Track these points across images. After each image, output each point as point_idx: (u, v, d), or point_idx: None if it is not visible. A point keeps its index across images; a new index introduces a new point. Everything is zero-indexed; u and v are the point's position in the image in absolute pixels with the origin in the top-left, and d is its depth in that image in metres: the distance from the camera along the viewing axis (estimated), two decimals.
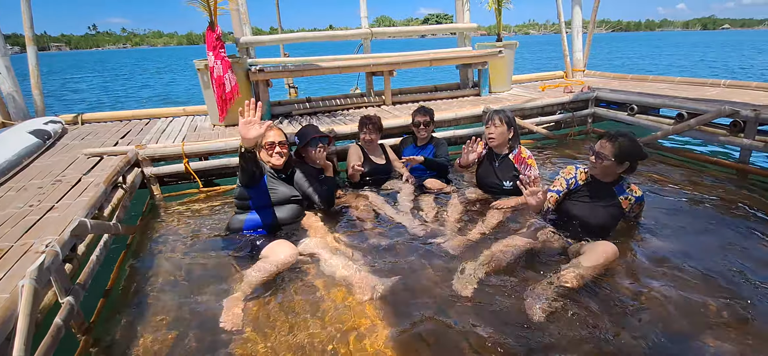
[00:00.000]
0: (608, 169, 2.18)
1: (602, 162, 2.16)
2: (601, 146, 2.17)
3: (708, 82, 5.09)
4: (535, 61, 23.08)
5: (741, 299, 1.89)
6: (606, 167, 2.17)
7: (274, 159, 2.45)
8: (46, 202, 2.41)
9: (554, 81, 6.28)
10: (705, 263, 2.16)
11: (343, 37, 5.48)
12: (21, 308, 1.39)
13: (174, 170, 3.56)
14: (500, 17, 5.72)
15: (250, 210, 2.43)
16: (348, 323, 1.83)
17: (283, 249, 2.19)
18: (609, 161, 2.14)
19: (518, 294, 1.97)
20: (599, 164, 2.18)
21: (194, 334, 1.82)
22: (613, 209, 2.27)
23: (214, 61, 3.98)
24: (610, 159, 2.13)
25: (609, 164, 2.15)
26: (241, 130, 1.99)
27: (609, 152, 2.14)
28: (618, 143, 2.12)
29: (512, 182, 2.81)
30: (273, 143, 2.44)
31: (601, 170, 2.21)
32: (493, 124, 2.77)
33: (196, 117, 4.87)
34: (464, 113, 4.41)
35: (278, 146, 2.45)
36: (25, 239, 1.94)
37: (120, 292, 2.22)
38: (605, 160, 2.14)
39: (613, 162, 2.14)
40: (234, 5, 4.43)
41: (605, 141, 2.16)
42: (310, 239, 2.38)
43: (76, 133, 4.30)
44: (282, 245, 2.21)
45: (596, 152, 2.18)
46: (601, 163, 2.16)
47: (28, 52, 4.58)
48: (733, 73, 14.38)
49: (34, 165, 3.23)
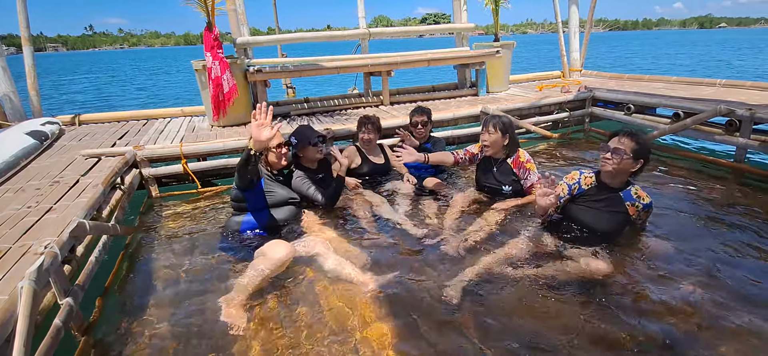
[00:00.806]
0: (624, 166, 2.09)
1: (621, 159, 2.07)
2: (620, 141, 2.08)
3: (704, 82, 5.13)
4: (533, 60, 23.13)
5: (739, 298, 1.91)
6: (623, 163, 2.08)
7: (282, 160, 2.49)
8: (44, 203, 2.41)
9: (551, 81, 6.31)
10: (702, 263, 2.18)
11: (340, 37, 5.49)
12: (20, 309, 1.40)
13: (172, 171, 3.56)
14: (497, 17, 5.74)
15: (246, 212, 2.44)
16: (346, 322, 1.83)
17: (279, 248, 2.18)
18: (628, 157, 2.06)
19: (516, 296, 1.98)
20: (616, 160, 2.08)
21: (193, 334, 1.83)
22: (620, 216, 2.18)
23: (212, 61, 3.99)
24: (629, 155, 2.05)
25: (627, 161, 2.07)
26: (254, 132, 2.01)
27: (628, 148, 2.06)
28: (636, 139, 2.06)
29: (511, 186, 2.80)
30: (281, 145, 2.48)
31: (615, 167, 2.10)
32: (488, 131, 2.74)
33: (194, 118, 4.87)
34: (462, 113, 4.43)
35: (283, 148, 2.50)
36: (24, 241, 1.94)
37: (119, 293, 2.22)
38: (624, 156, 2.06)
39: (630, 158, 2.06)
40: (231, 6, 4.43)
41: (624, 137, 2.09)
42: (308, 239, 2.39)
43: (74, 134, 4.28)
44: (278, 245, 2.21)
45: (614, 149, 2.09)
46: (620, 160, 2.07)
47: (25, 53, 4.56)
48: (736, 71, 14.41)
49: (32, 166, 3.22)
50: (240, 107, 4.29)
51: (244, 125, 4.31)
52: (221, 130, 4.16)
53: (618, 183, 2.18)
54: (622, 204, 2.17)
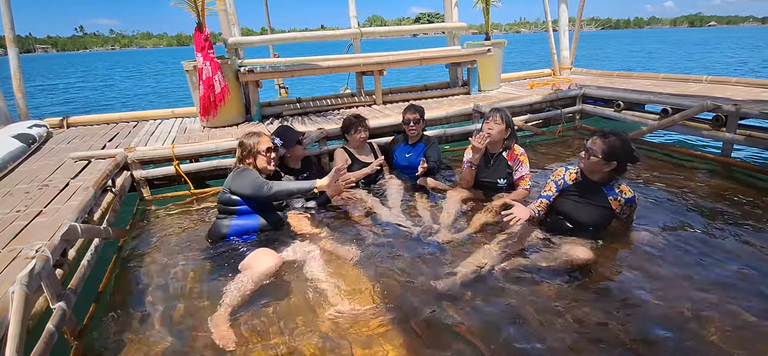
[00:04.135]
0: (594, 166, 2.19)
1: (589, 158, 2.18)
2: (593, 142, 2.19)
3: (690, 79, 5.21)
4: (525, 59, 23.28)
5: (724, 287, 1.95)
6: (593, 163, 2.19)
7: (271, 164, 2.45)
8: (33, 207, 2.38)
9: (542, 79, 6.37)
10: (689, 254, 2.23)
11: (332, 37, 5.48)
12: (12, 314, 1.38)
13: (164, 173, 3.53)
14: (488, 16, 5.78)
15: (234, 215, 2.37)
16: (340, 327, 1.83)
17: (266, 259, 2.10)
18: (596, 158, 2.16)
19: (507, 289, 2.01)
20: (587, 159, 2.20)
21: (186, 338, 1.82)
22: (603, 210, 2.27)
23: (203, 62, 3.96)
24: (598, 156, 2.15)
25: (595, 161, 2.17)
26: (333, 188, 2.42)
27: (598, 149, 2.15)
28: (608, 142, 2.14)
29: (506, 180, 2.85)
30: (270, 149, 2.45)
31: (588, 165, 2.23)
32: (494, 121, 2.78)
33: (186, 119, 4.83)
34: (454, 111, 4.45)
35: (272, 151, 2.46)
36: (14, 245, 1.91)
37: (112, 296, 2.20)
38: (592, 156, 2.17)
39: (600, 159, 2.15)
40: (222, 6, 4.40)
41: (597, 138, 2.18)
42: (299, 244, 2.36)
43: (62, 136, 4.23)
44: (265, 254, 2.13)
45: (587, 147, 2.20)
46: (588, 158, 2.19)
47: (10, 55, 4.48)
48: (724, 67, 14.67)
49: (20, 170, 3.17)
50: (232, 107, 4.27)
51: (237, 126, 4.29)
52: (213, 131, 4.13)
53: (598, 179, 2.27)
54: (605, 199, 2.27)
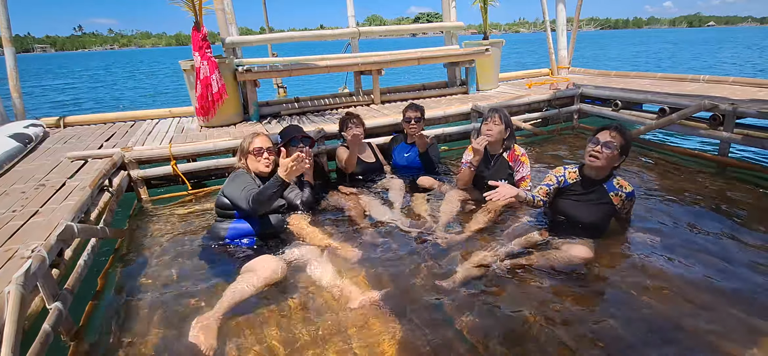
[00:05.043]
0: (612, 160, 2.19)
1: (611, 153, 2.15)
2: (611, 135, 2.17)
3: (688, 78, 5.23)
4: (524, 58, 23.32)
5: (721, 286, 1.96)
6: (609, 157, 2.16)
7: (261, 165, 2.41)
8: (30, 207, 2.36)
9: (540, 78, 6.38)
10: (689, 256, 2.23)
11: (330, 36, 5.47)
12: (8, 314, 1.37)
13: (161, 173, 3.51)
14: (486, 16, 5.79)
15: (233, 219, 2.37)
16: (340, 327, 1.82)
17: (270, 265, 2.05)
18: (616, 152, 2.16)
19: (508, 289, 2.01)
20: (606, 154, 2.16)
21: (183, 339, 1.80)
22: (605, 207, 2.27)
23: (200, 61, 3.95)
24: (617, 150, 2.15)
25: (613, 155, 2.16)
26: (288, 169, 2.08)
27: (617, 143, 2.15)
28: (625, 135, 2.17)
29: (507, 180, 2.83)
30: (260, 149, 2.41)
31: (605, 160, 2.18)
32: (493, 121, 2.78)
33: (183, 119, 4.82)
34: (452, 110, 4.45)
35: (266, 152, 2.43)
36: (9, 245, 1.90)
37: (109, 296, 2.18)
38: (611, 149, 2.15)
39: (617, 153, 2.16)
40: (219, 5, 4.39)
41: (614, 132, 2.18)
42: (300, 247, 2.34)
43: (59, 136, 4.21)
44: (270, 261, 2.08)
45: (605, 142, 2.17)
46: (611, 153, 2.16)
47: (6, 54, 4.47)
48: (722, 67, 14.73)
49: (16, 170, 3.16)
50: (229, 107, 4.26)
51: (235, 126, 4.28)
52: (211, 130, 4.12)
53: (601, 176, 2.27)
54: (606, 195, 2.27)
